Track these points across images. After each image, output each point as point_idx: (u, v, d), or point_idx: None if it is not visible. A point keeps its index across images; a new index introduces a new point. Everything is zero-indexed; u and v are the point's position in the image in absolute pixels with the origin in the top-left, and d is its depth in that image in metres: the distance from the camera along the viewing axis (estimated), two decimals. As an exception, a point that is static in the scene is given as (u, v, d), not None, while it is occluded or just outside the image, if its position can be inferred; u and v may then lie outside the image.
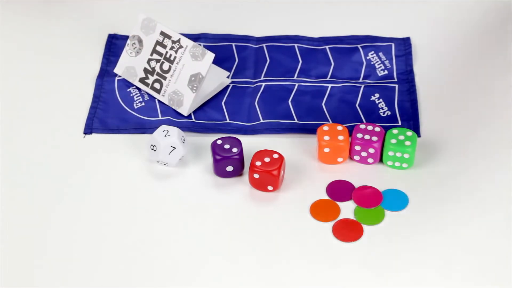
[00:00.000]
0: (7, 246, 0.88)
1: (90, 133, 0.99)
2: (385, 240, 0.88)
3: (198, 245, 0.88)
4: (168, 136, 0.93)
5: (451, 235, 0.88)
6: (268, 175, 0.91)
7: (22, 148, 0.97)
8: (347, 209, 0.91)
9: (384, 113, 1.01)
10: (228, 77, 1.04)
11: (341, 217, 0.90)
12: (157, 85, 1.02)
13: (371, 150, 0.94)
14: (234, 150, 0.93)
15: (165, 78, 1.01)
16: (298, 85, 1.04)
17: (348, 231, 0.89)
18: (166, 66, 1.01)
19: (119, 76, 1.05)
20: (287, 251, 0.87)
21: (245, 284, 0.85)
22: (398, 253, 0.87)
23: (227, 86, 1.04)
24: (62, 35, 1.11)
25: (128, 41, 1.03)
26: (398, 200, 0.91)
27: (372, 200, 0.91)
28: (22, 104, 1.02)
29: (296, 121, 1.00)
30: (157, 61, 1.01)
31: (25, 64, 1.07)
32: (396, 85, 1.04)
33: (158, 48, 1.01)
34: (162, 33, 1.01)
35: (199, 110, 1.02)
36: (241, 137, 0.98)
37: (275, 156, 0.92)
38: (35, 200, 0.92)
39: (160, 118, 1.01)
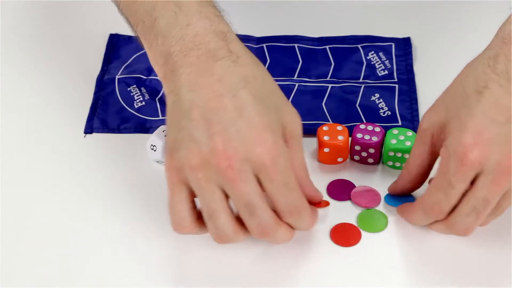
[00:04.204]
0: (5, 246, 0.88)
1: (91, 132, 1.00)
2: (386, 242, 0.88)
3: (198, 245, 0.88)
4: (168, 136, 0.93)
5: (451, 235, 0.88)
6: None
7: (22, 147, 0.97)
8: (348, 210, 0.91)
9: (384, 113, 1.01)
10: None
11: (341, 221, 0.90)
12: None
13: (371, 150, 0.94)
14: (234, 150, 0.93)
15: None
16: (298, 85, 1.04)
17: (346, 236, 0.88)
18: None
19: (120, 75, 1.05)
20: (287, 251, 0.87)
21: (244, 285, 0.85)
22: (398, 255, 0.87)
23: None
24: (62, 34, 1.11)
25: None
26: (403, 201, 0.90)
27: (372, 200, 0.91)
28: (22, 103, 1.02)
29: (296, 121, 1.00)
30: None
31: (25, 63, 1.07)
32: (396, 85, 1.04)
33: None
34: None
35: (199, 110, 1.02)
36: (241, 137, 0.98)
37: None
38: (34, 199, 0.92)
39: (160, 117, 1.01)
